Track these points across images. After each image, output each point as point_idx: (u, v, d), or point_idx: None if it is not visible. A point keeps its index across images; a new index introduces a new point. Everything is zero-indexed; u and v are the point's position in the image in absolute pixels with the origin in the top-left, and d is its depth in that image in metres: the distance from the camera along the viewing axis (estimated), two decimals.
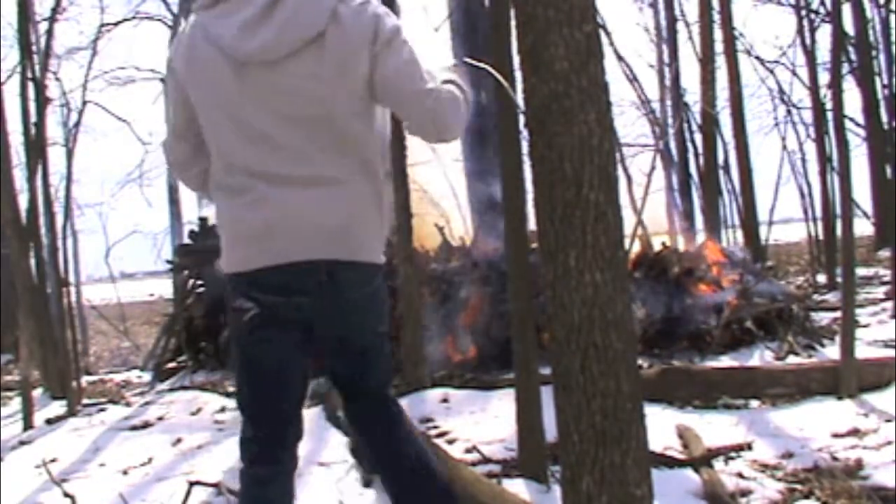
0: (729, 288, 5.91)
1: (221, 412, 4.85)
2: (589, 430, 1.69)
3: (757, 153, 25.27)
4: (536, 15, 1.71)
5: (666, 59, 12.12)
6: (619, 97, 12.40)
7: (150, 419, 4.83)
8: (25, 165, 6.49)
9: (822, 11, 11.19)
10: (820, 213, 10.86)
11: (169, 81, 1.94)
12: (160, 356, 7.03)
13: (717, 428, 3.56)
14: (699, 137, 11.51)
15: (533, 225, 2.05)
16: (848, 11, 10.57)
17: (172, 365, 6.76)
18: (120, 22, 14.12)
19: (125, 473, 3.65)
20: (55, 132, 11.20)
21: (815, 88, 10.55)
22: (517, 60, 1.81)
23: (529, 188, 2.28)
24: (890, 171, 12.77)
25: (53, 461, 3.90)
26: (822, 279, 9.49)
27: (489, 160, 6.96)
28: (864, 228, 12.49)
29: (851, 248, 4.40)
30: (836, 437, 3.34)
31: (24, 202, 6.65)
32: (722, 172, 11.60)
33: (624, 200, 2.96)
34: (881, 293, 7.76)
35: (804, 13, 11.17)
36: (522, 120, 1.96)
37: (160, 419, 4.84)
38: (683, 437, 3.40)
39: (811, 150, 11.90)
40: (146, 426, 4.66)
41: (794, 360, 5.01)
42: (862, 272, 8.97)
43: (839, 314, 4.83)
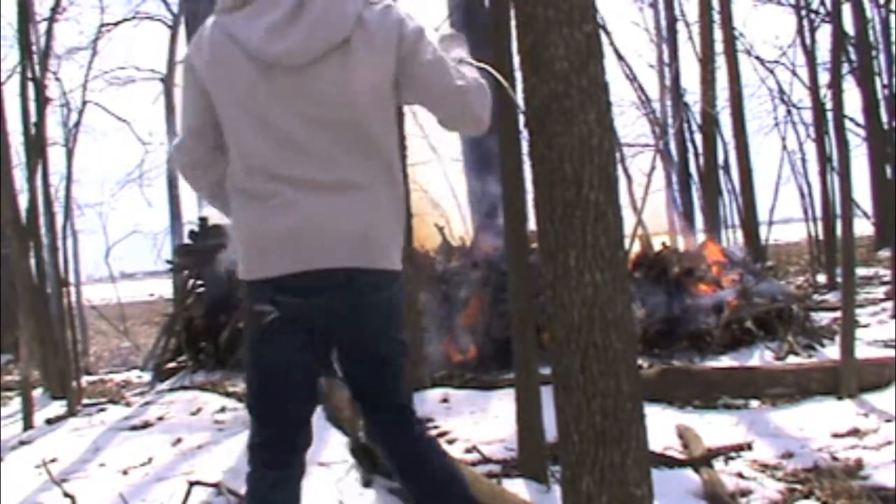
0: (729, 288, 5.91)
1: (221, 412, 4.85)
2: (589, 430, 1.69)
3: (757, 153, 25.37)
4: (536, 15, 1.71)
5: (666, 59, 12.11)
6: (619, 97, 12.48)
7: (150, 419, 4.83)
8: (25, 165, 6.48)
9: (822, 11, 11.21)
10: (820, 213, 10.86)
11: (187, 81, 1.91)
12: (160, 356, 7.02)
13: (717, 428, 3.56)
14: (699, 137, 11.50)
15: (533, 225, 2.05)
16: (848, 11, 10.58)
17: (172, 365, 6.74)
18: (120, 22, 14.20)
19: (125, 473, 3.65)
20: (55, 132, 11.24)
21: (815, 88, 10.55)
22: (517, 60, 1.81)
23: (529, 188, 2.28)
24: (890, 171, 12.76)
25: (53, 461, 3.89)
26: (822, 279, 9.49)
27: (489, 160, 6.95)
28: (864, 228, 12.49)
29: (851, 248, 4.40)
30: (836, 437, 3.34)
31: (24, 202, 6.67)
32: (722, 172, 11.59)
33: (624, 200, 2.97)
34: (881, 293, 7.75)
35: (804, 13, 11.18)
36: (522, 120, 1.96)
37: (160, 419, 4.83)
38: (683, 437, 3.39)
39: (811, 150, 11.95)
40: (146, 426, 4.65)
41: (794, 360, 5.01)
42: (862, 272, 8.97)
43: (839, 314, 4.83)
